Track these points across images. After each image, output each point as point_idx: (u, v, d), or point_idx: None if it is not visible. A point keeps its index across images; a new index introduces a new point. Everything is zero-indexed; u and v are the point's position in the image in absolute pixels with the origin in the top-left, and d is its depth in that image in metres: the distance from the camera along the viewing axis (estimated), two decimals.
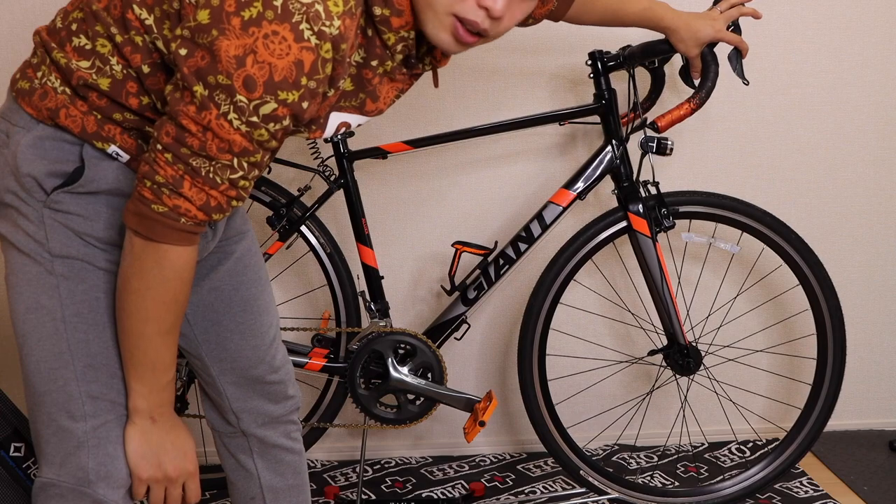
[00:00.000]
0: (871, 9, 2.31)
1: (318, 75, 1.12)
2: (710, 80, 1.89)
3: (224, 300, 1.42)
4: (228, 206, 1.18)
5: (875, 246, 2.47)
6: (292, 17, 1.07)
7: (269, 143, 1.15)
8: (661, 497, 2.19)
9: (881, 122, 2.39)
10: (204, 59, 1.09)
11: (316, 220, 2.08)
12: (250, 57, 1.08)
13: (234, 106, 1.10)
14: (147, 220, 1.14)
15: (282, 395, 1.50)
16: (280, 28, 1.07)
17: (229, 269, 1.42)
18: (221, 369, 1.44)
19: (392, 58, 1.24)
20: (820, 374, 2.16)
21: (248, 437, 1.49)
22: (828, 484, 2.31)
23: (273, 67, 1.08)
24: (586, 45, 2.16)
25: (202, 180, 1.14)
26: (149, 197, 1.14)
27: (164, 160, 1.13)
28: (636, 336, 2.43)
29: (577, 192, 2.04)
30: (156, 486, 1.28)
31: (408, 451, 2.46)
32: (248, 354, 1.44)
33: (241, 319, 1.43)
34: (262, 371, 1.46)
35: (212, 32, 1.08)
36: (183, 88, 1.11)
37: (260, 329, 1.45)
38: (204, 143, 1.12)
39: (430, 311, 2.36)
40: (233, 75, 1.08)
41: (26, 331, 1.25)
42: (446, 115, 2.25)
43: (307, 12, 1.08)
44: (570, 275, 2.08)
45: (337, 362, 2.09)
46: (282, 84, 1.09)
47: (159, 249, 1.16)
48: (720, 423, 2.48)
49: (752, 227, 2.08)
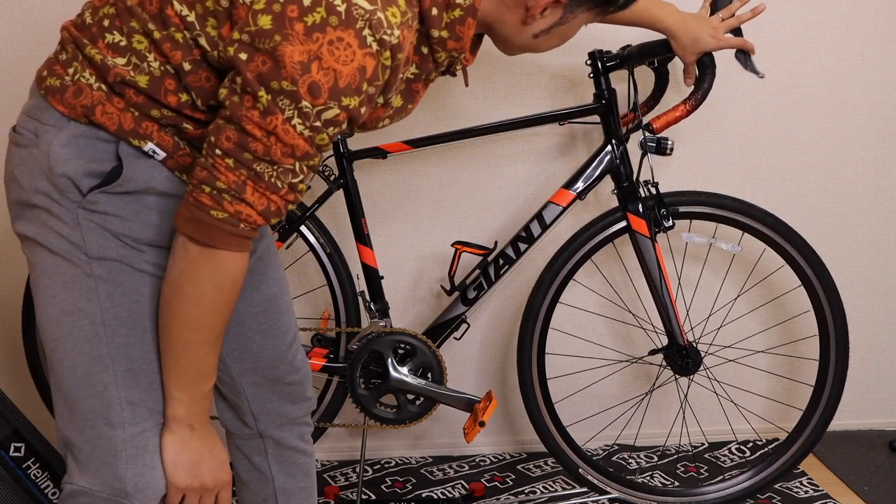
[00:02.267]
0: (871, 9, 2.31)
1: (378, 81, 1.13)
2: (707, 81, 1.90)
3: (246, 300, 1.40)
4: (286, 210, 1.17)
5: (875, 246, 2.47)
6: (356, 24, 1.08)
7: (326, 147, 1.16)
8: (661, 497, 2.19)
9: (881, 122, 2.39)
10: (266, 65, 1.08)
11: (316, 220, 2.08)
12: (315, 63, 1.08)
13: (298, 111, 1.09)
14: (205, 226, 1.13)
15: (300, 396, 1.49)
16: (345, 34, 1.08)
17: (251, 269, 1.40)
18: (242, 370, 1.42)
19: (437, 69, 1.29)
20: (822, 376, 2.15)
21: (264, 438, 1.48)
22: (828, 484, 2.31)
23: (338, 74, 1.09)
24: (586, 45, 2.16)
25: (265, 185, 1.13)
26: (208, 203, 1.12)
27: (224, 165, 1.12)
28: (636, 336, 2.43)
29: (576, 192, 2.04)
30: (191, 494, 1.26)
31: (408, 451, 2.46)
32: (270, 354, 1.43)
33: (262, 319, 1.42)
34: (283, 371, 1.45)
35: (274, 38, 1.07)
36: (243, 93, 1.10)
37: (281, 329, 1.44)
38: (269, 148, 1.11)
39: (429, 311, 2.36)
40: (298, 81, 1.08)
41: (60, 334, 1.22)
42: (446, 115, 2.25)
43: (370, 19, 1.09)
44: (570, 274, 2.08)
45: (337, 362, 2.09)
46: (346, 90, 1.10)
47: (216, 256, 1.15)
48: (720, 423, 2.47)
49: (752, 228, 2.08)
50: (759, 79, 1.96)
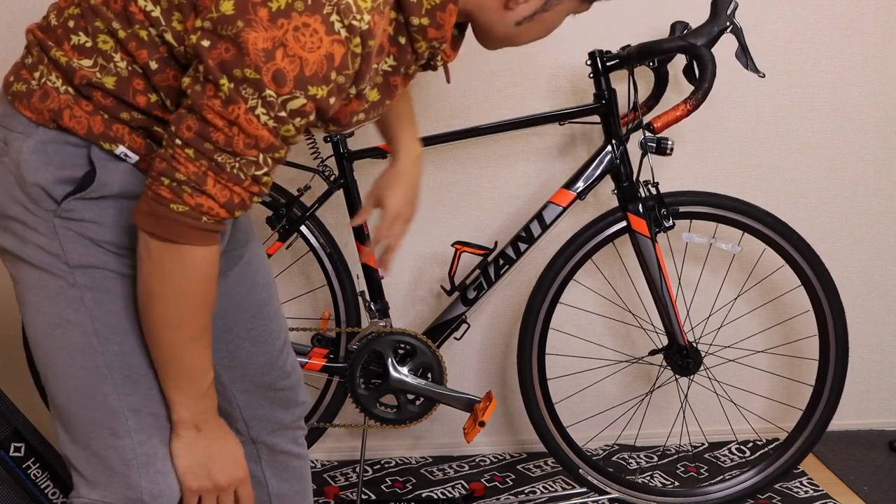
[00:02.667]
0: (871, 9, 2.31)
1: (347, 70, 1.09)
2: (708, 80, 1.90)
3: (234, 306, 1.37)
4: (250, 203, 1.14)
5: (875, 246, 2.47)
6: (323, 9, 1.04)
7: (293, 139, 1.12)
8: (661, 497, 2.19)
9: (881, 122, 2.39)
10: (229, 52, 1.04)
11: (316, 220, 2.08)
12: (280, 50, 1.04)
13: (262, 101, 1.05)
14: (165, 220, 1.08)
15: (293, 401, 1.47)
16: (311, 20, 1.04)
17: (238, 274, 1.38)
18: (232, 377, 1.40)
19: (417, 62, 1.24)
20: (822, 376, 2.16)
21: (257, 444, 1.45)
22: (828, 484, 2.31)
23: (304, 61, 1.05)
24: (586, 45, 2.16)
25: (227, 177, 1.09)
26: (167, 196, 1.08)
27: (184, 156, 1.07)
28: (636, 336, 2.43)
29: (577, 192, 2.04)
30: (207, 496, 1.23)
31: (408, 451, 2.46)
32: (260, 361, 1.41)
33: (251, 325, 1.39)
34: (274, 377, 1.43)
35: (237, 24, 1.03)
36: (205, 81, 1.06)
37: (271, 334, 1.42)
38: (230, 139, 1.07)
39: (430, 311, 2.36)
40: (262, 69, 1.04)
41: (53, 349, 1.18)
42: (446, 115, 2.25)
43: (338, 4, 1.05)
44: (570, 275, 2.08)
45: (337, 362, 2.09)
46: (312, 78, 1.06)
47: (181, 251, 1.10)
48: (720, 423, 2.47)
49: (752, 228, 2.08)
50: (759, 78, 1.96)
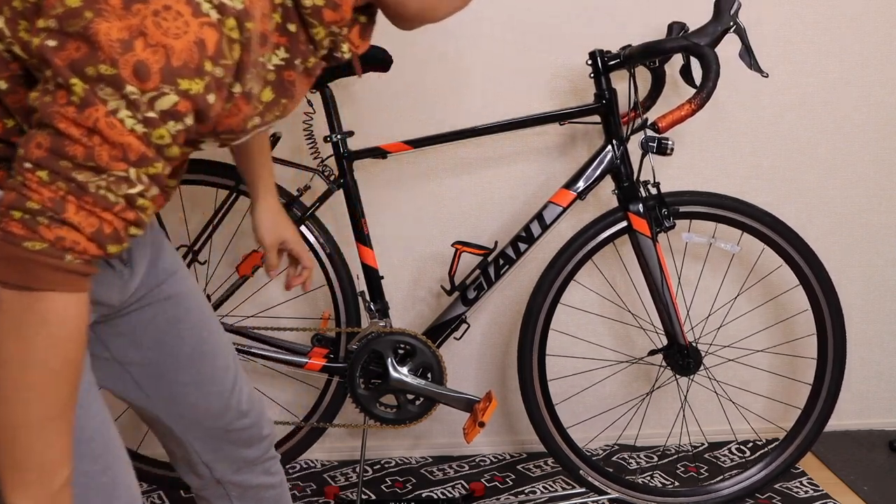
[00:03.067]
0: (872, 9, 2.31)
1: (225, 59, 0.93)
2: (712, 80, 1.89)
3: (171, 353, 1.26)
4: (126, 235, 0.94)
5: (875, 246, 2.47)
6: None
7: (169, 150, 0.93)
8: (661, 497, 2.19)
9: (881, 121, 2.39)
10: (80, 50, 0.88)
11: (315, 220, 2.07)
12: (140, 40, 0.88)
13: (125, 100, 0.88)
14: (18, 262, 0.88)
15: (256, 437, 1.38)
16: (172, 1, 0.89)
17: (169, 318, 1.25)
18: (185, 426, 1.30)
19: (316, 53, 1.09)
20: (820, 374, 2.16)
21: (224, 484, 1.38)
22: (828, 484, 2.31)
23: (170, 50, 0.89)
24: (586, 45, 2.16)
25: (91, 199, 0.89)
26: (19, 233, 0.88)
27: (36, 180, 0.88)
28: (636, 336, 2.43)
29: (577, 192, 2.04)
30: None
31: (408, 451, 2.46)
32: (212, 405, 1.31)
33: (194, 370, 1.28)
34: (230, 419, 1.33)
35: (85, 16, 0.87)
36: (56, 88, 0.89)
37: (216, 374, 1.31)
38: (91, 150, 0.88)
39: (429, 311, 2.36)
40: (118, 62, 0.87)
41: None
42: (446, 115, 2.25)
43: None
44: (570, 275, 2.08)
45: (337, 362, 2.09)
46: (182, 70, 0.90)
47: (41, 300, 0.89)
48: (720, 423, 2.48)
49: (752, 227, 2.08)
50: (761, 78, 1.96)
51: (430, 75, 2.23)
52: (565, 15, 2.22)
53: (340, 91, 2.17)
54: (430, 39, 2.21)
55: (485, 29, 2.21)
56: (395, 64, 1.99)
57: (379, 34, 2.14)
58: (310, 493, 2.23)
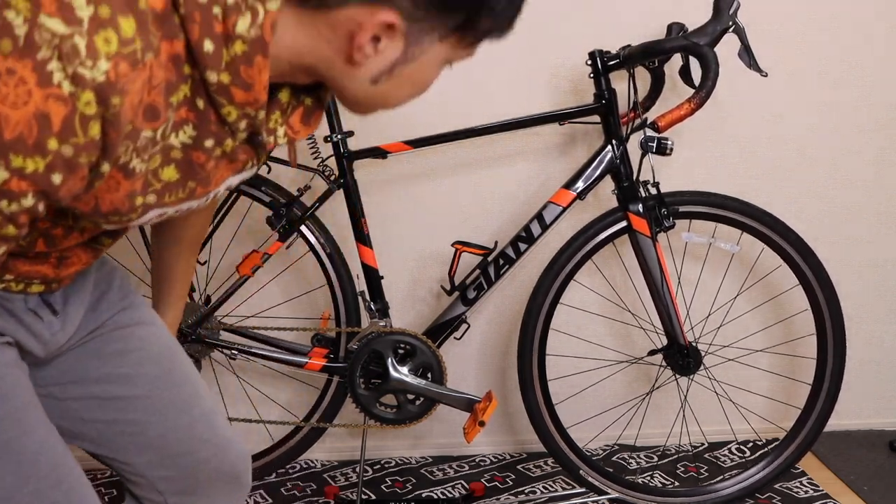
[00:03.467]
0: (872, 9, 2.31)
1: (76, 138, 0.81)
2: (711, 79, 1.90)
3: (123, 380, 1.19)
4: None
5: (875, 246, 2.47)
6: (37, 52, 0.78)
7: (4, 229, 0.84)
8: (661, 497, 2.19)
9: (881, 121, 2.39)
10: None
11: (316, 219, 2.08)
12: None
13: None
14: None
15: (236, 483, 1.28)
16: (18, 65, 0.78)
17: (120, 349, 1.19)
18: (149, 462, 1.22)
19: (233, 136, 0.96)
20: (820, 374, 2.16)
21: None
22: (828, 484, 2.31)
23: (3, 118, 0.78)
24: (586, 45, 2.16)
25: None
26: None
27: None
28: (636, 336, 2.43)
29: (577, 192, 2.04)
30: None
31: (408, 451, 2.46)
32: (179, 435, 1.22)
33: (153, 396, 1.21)
34: (201, 452, 1.24)
35: None
36: None
37: (183, 403, 1.23)
38: None
39: (429, 311, 2.36)
40: None
41: None
42: (446, 115, 2.25)
43: (60, 46, 0.78)
44: (570, 275, 2.08)
45: (337, 362, 2.09)
46: (15, 145, 0.79)
47: None
48: (720, 423, 2.48)
49: (751, 227, 2.08)
50: (761, 77, 1.96)
51: None
52: (565, 15, 2.22)
53: None
54: None
55: None
56: None
57: None
58: (310, 493, 2.24)
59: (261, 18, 0.86)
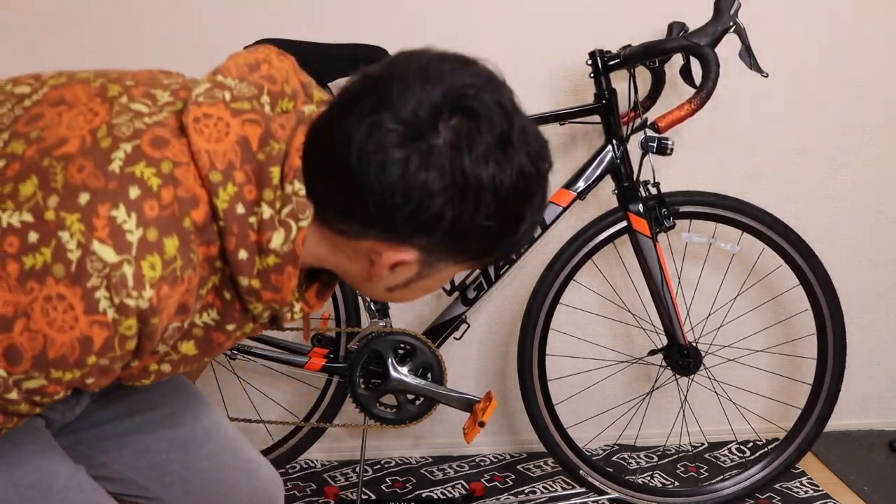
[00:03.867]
0: (872, 9, 2.31)
1: (113, 353, 0.89)
2: (712, 80, 1.89)
3: (143, 424, 1.21)
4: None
5: (875, 246, 2.47)
6: (87, 280, 0.84)
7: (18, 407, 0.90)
8: (661, 497, 2.19)
9: (881, 122, 2.39)
10: None
11: None
12: (21, 321, 0.84)
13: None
14: None
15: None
16: (68, 291, 0.84)
17: (134, 393, 1.22)
18: (176, 496, 1.23)
19: (255, 321, 1.03)
20: (820, 374, 2.16)
21: None
22: (828, 484, 2.31)
23: (49, 341, 0.85)
24: (586, 45, 2.15)
25: None
26: None
27: None
28: (636, 336, 2.43)
29: (577, 192, 2.04)
30: None
31: (408, 451, 2.46)
32: (205, 465, 1.23)
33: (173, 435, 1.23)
34: (230, 481, 1.25)
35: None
36: None
37: (204, 435, 1.25)
38: None
39: (429, 311, 2.36)
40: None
41: None
42: None
43: (109, 276, 0.85)
44: (570, 275, 2.08)
45: (337, 362, 2.08)
46: (57, 362, 0.86)
47: None
48: (720, 423, 2.47)
49: (752, 227, 2.08)
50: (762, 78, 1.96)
51: None
52: (565, 15, 2.21)
53: None
54: (431, 40, 2.21)
55: (484, 29, 2.21)
56: None
57: (379, 33, 2.15)
58: (310, 493, 2.23)
59: (294, 234, 0.92)
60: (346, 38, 2.09)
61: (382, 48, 1.96)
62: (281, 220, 0.92)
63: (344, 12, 2.17)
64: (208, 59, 2.25)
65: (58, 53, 2.12)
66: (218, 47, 2.14)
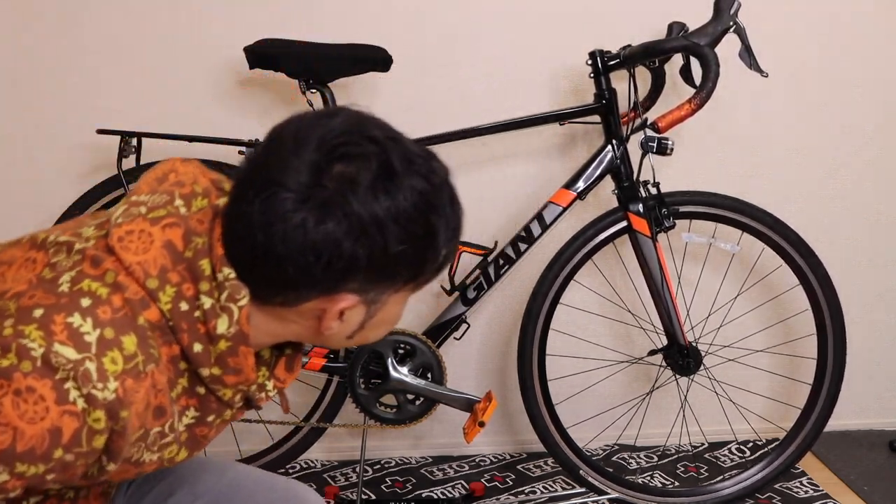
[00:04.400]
0: (872, 9, 2.31)
1: (80, 448, 0.90)
2: (711, 80, 1.89)
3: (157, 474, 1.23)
4: None
5: (875, 246, 2.47)
6: (55, 373, 0.87)
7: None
8: (661, 497, 2.19)
9: (881, 121, 2.39)
10: None
11: None
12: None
13: None
14: None
15: None
16: (38, 383, 0.86)
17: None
18: None
19: (231, 407, 1.07)
20: (820, 374, 2.16)
21: None
22: (828, 484, 2.31)
23: (19, 434, 0.86)
24: (586, 45, 2.15)
25: None
26: None
27: None
28: (636, 336, 2.43)
29: (577, 192, 2.04)
30: None
31: (408, 451, 2.46)
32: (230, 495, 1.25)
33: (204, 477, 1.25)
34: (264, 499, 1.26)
35: None
36: None
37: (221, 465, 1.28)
38: None
39: (429, 311, 2.36)
40: None
41: None
42: (446, 115, 2.25)
43: (75, 369, 0.87)
44: (570, 275, 2.08)
45: (337, 362, 2.08)
46: (24, 456, 0.87)
47: None
48: (720, 423, 2.47)
49: (752, 227, 2.08)
50: (762, 78, 1.96)
51: (429, 75, 2.23)
52: (565, 15, 2.21)
53: (340, 91, 2.17)
54: (431, 40, 2.21)
55: (484, 29, 2.21)
56: (394, 64, 1.99)
57: (379, 33, 2.15)
58: None
59: (237, 316, 0.97)
60: (346, 38, 2.10)
61: (382, 48, 1.96)
62: (222, 306, 0.97)
63: (344, 12, 2.17)
64: (208, 59, 2.27)
65: (58, 53, 2.12)
66: (218, 47, 2.15)
